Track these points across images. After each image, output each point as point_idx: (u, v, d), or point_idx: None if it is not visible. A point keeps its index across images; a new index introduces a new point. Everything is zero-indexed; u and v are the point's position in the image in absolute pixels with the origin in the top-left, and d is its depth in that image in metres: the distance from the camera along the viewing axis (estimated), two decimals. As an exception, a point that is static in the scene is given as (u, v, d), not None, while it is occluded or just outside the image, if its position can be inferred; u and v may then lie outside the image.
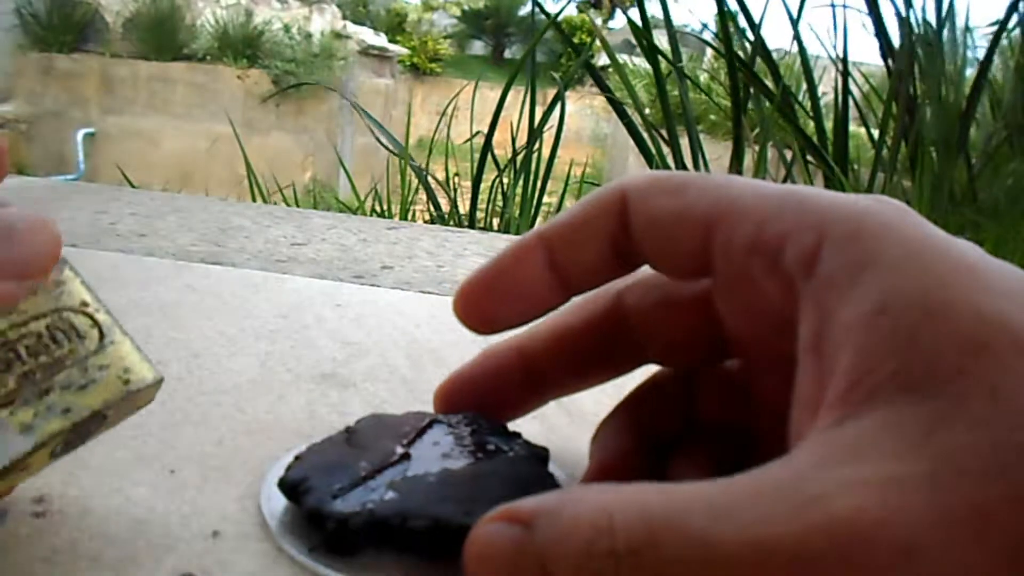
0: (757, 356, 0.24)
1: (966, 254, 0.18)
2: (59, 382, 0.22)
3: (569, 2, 2.90)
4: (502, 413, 0.28)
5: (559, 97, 1.33)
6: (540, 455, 0.26)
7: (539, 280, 0.25)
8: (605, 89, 1.34)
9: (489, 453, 0.25)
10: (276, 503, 0.25)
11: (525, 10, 9.55)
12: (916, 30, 1.32)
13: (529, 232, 0.25)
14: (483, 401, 0.28)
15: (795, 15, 1.33)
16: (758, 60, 1.36)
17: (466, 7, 10.65)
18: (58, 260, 0.23)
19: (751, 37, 1.36)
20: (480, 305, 0.26)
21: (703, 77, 2.90)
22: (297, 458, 0.25)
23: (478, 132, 1.42)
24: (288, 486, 0.24)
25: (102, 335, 0.24)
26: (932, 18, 1.35)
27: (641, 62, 1.52)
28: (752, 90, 1.34)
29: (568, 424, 0.29)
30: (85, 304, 0.24)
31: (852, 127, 1.54)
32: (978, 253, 0.19)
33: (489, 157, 1.42)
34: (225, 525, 0.24)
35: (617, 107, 1.33)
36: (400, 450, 0.25)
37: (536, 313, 0.26)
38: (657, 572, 0.16)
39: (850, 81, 1.42)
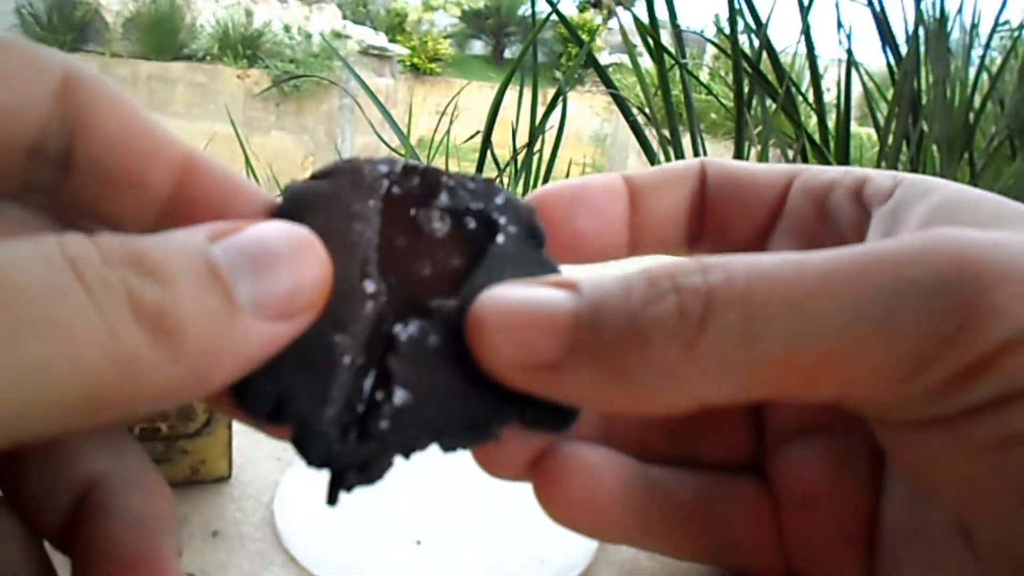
0: None
1: None
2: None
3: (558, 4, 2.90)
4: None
5: (559, 95, 1.33)
6: (537, 236, 0.21)
7: (619, 211, 0.24)
8: (609, 84, 1.33)
9: (479, 249, 0.20)
10: (288, 506, 0.25)
11: (525, 10, 9.56)
12: (923, 28, 1.32)
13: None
14: None
15: (803, 12, 1.33)
16: (763, 58, 1.36)
17: (466, 7, 10.67)
18: (327, 289, 0.17)
19: (756, 35, 1.36)
20: (560, 208, 0.23)
21: (703, 76, 2.90)
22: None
23: (477, 132, 1.42)
24: (260, 403, 0.17)
25: (207, 423, 0.25)
26: (937, 17, 1.35)
27: (640, 61, 1.52)
28: (755, 88, 1.34)
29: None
30: None
31: (853, 127, 1.54)
32: None
33: (490, 157, 1.42)
34: (225, 525, 0.24)
35: (620, 103, 1.32)
36: (373, 303, 0.18)
37: (607, 242, 0.24)
38: (749, 285, 0.16)
39: (853, 80, 1.42)
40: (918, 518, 0.20)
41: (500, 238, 0.20)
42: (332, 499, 0.17)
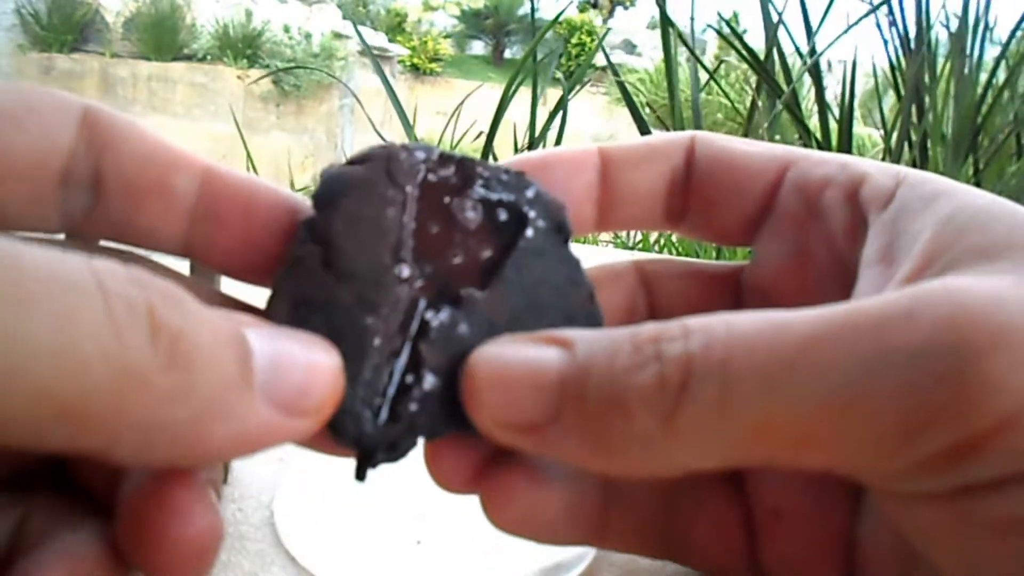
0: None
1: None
2: None
3: (570, 3, 2.92)
4: None
5: (563, 100, 1.33)
6: (563, 232, 0.21)
7: (583, 187, 0.23)
8: (615, 73, 1.34)
9: (508, 241, 0.20)
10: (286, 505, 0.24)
11: (525, 10, 9.57)
12: (931, 29, 1.32)
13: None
14: None
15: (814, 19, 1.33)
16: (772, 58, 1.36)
17: (466, 7, 10.67)
18: (336, 401, 0.17)
19: (765, 34, 1.36)
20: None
21: (703, 76, 2.91)
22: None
23: (480, 133, 1.42)
24: None
25: None
26: (949, 18, 1.35)
27: (639, 61, 1.52)
28: (762, 87, 1.35)
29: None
30: None
31: (855, 128, 1.54)
32: None
33: (491, 159, 1.42)
34: (225, 525, 0.24)
35: (624, 91, 1.33)
36: (408, 287, 0.19)
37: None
38: (727, 354, 0.16)
39: (857, 80, 1.42)
40: (899, 544, 0.19)
41: (529, 232, 0.20)
42: (361, 475, 0.18)
